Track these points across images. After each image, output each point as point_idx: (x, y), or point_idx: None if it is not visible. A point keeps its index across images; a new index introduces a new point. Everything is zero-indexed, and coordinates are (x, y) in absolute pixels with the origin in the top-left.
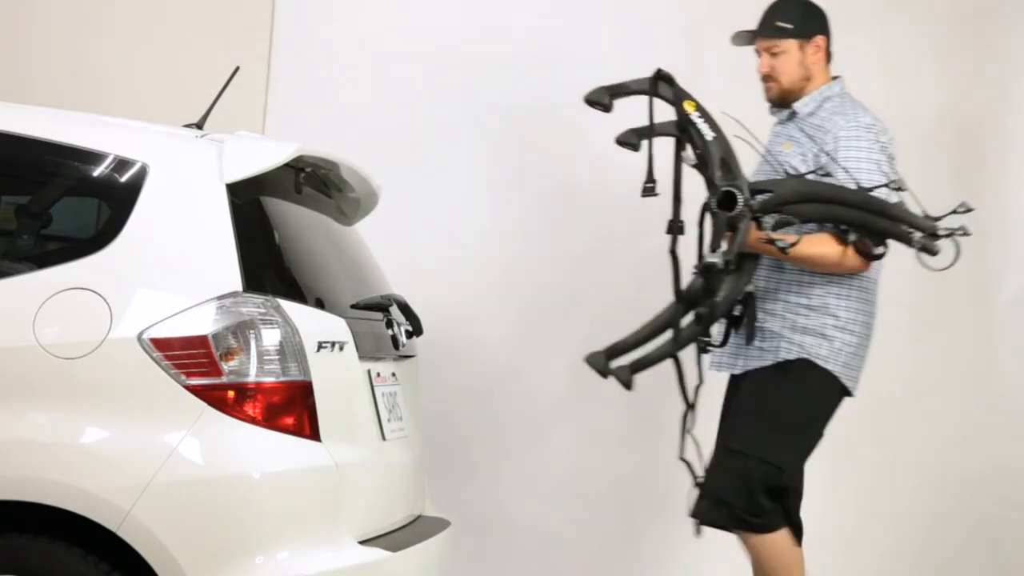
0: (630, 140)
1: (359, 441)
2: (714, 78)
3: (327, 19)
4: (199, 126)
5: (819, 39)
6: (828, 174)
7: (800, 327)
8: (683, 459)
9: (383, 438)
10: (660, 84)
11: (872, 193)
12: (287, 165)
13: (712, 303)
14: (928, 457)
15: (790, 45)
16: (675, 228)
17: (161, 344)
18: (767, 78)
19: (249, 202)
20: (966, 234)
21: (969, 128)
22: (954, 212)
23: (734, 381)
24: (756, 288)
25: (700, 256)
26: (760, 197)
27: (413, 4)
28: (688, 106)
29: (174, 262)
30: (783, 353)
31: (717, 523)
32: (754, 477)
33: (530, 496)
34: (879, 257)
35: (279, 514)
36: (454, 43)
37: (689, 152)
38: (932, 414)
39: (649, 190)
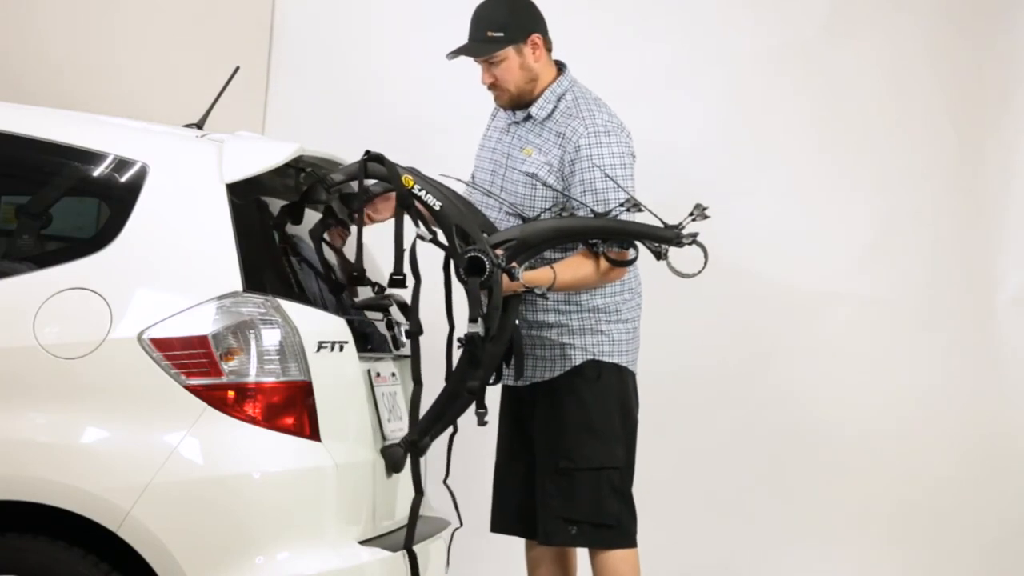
0: (343, 217)
1: (359, 441)
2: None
3: (327, 19)
4: (199, 126)
5: (535, 37)
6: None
7: (577, 330)
8: (447, 485)
9: (383, 438)
10: (370, 165)
11: (612, 212)
12: (287, 165)
13: (481, 376)
14: (928, 457)
15: (507, 52)
16: (414, 310)
17: (161, 344)
18: (493, 87)
19: (249, 202)
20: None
21: (969, 128)
22: (691, 217)
23: (515, 392)
24: (520, 318)
25: (450, 331)
26: (500, 252)
27: (413, 4)
28: (407, 182)
29: (174, 262)
30: (570, 360)
31: (575, 543)
32: (596, 487)
33: None
34: (632, 261)
35: (279, 514)
36: (454, 42)
37: (422, 228)
38: (934, 414)
39: (355, 276)
